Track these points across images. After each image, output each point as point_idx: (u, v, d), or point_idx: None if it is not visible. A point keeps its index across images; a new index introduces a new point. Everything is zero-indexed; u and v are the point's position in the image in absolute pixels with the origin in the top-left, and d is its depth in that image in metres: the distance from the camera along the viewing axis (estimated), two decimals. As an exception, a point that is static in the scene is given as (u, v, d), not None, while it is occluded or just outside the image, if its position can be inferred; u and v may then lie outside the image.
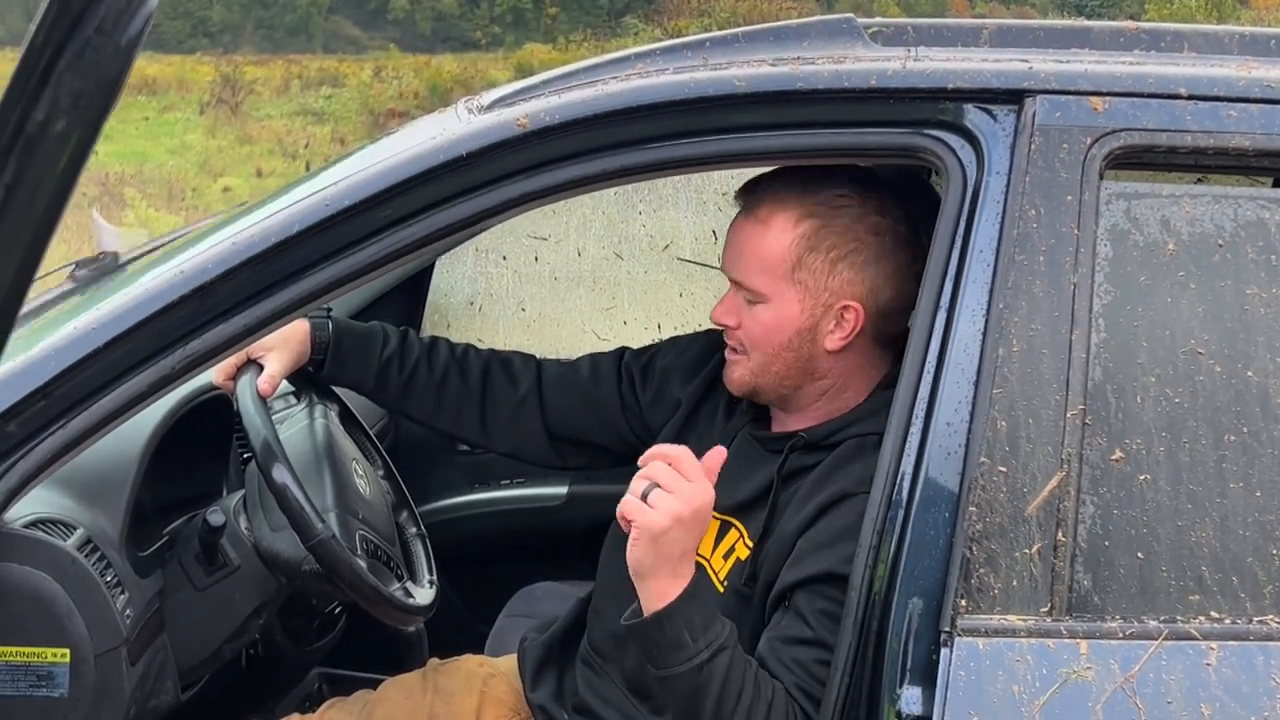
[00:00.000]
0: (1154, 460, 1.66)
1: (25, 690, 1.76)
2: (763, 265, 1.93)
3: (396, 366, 2.25)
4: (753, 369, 1.98)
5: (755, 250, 1.94)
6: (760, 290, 1.94)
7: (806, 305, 1.93)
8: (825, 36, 1.85)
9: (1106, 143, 1.70)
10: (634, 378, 2.27)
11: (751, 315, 1.96)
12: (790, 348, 1.95)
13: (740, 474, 1.99)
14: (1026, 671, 1.60)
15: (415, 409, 2.29)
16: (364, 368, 2.25)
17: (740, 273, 1.97)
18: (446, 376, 2.27)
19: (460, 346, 2.32)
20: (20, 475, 1.69)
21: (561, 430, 2.29)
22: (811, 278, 1.92)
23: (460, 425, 2.30)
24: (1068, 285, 1.67)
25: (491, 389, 2.29)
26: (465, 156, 1.73)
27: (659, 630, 1.74)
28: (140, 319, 1.70)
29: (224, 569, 2.10)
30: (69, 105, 0.76)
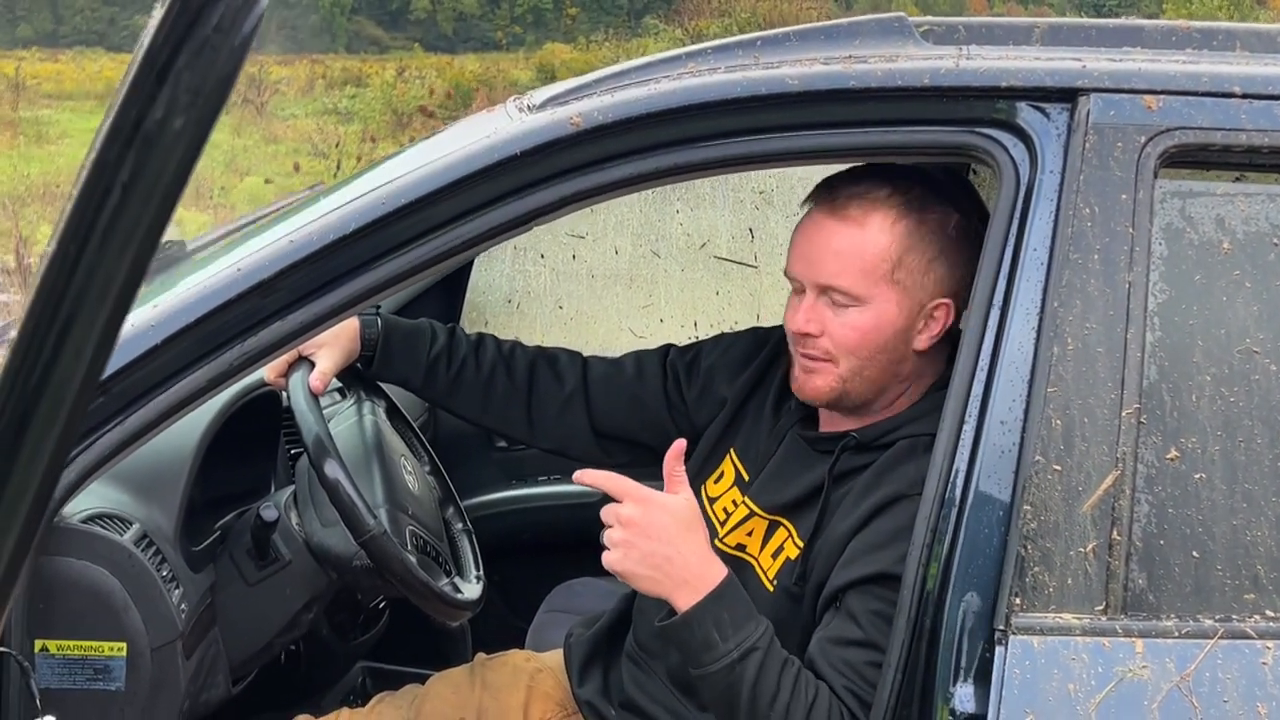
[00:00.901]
0: (1209, 459, 1.65)
1: (83, 683, 1.78)
2: (863, 267, 1.89)
3: (444, 363, 2.27)
4: (843, 375, 1.94)
5: (852, 252, 1.89)
6: (858, 293, 1.89)
7: (904, 306, 1.91)
8: (877, 35, 1.85)
9: (1160, 141, 1.70)
10: (679, 376, 2.27)
11: (843, 320, 1.91)
12: (886, 350, 1.92)
13: (789, 474, 1.99)
14: (1082, 670, 1.60)
15: (462, 406, 2.30)
16: (412, 364, 2.27)
17: (831, 276, 1.90)
18: (494, 373, 2.28)
19: (508, 344, 2.33)
20: (79, 470, 1.70)
21: (607, 428, 2.29)
22: (910, 278, 1.90)
23: (507, 422, 2.31)
24: (1122, 284, 1.66)
25: (538, 386, 2.29)
26: (520, 155, 1.74)
27: (687, 631, 1.76)
28: (198, 316, 1.71)
29: (275, 564, 2.11)
30: (187, 103, 0.76)
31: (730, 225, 3.37)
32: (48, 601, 1.75)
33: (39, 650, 1.76)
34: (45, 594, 1.74)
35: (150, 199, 0.79)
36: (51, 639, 1.77)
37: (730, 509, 2.05)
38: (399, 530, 2.07)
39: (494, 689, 2.17)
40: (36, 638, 1.76)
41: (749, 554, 1.99)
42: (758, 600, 1.93)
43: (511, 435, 2.37)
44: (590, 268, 3.43)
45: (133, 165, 0.78)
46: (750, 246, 3.36)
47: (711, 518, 2.07)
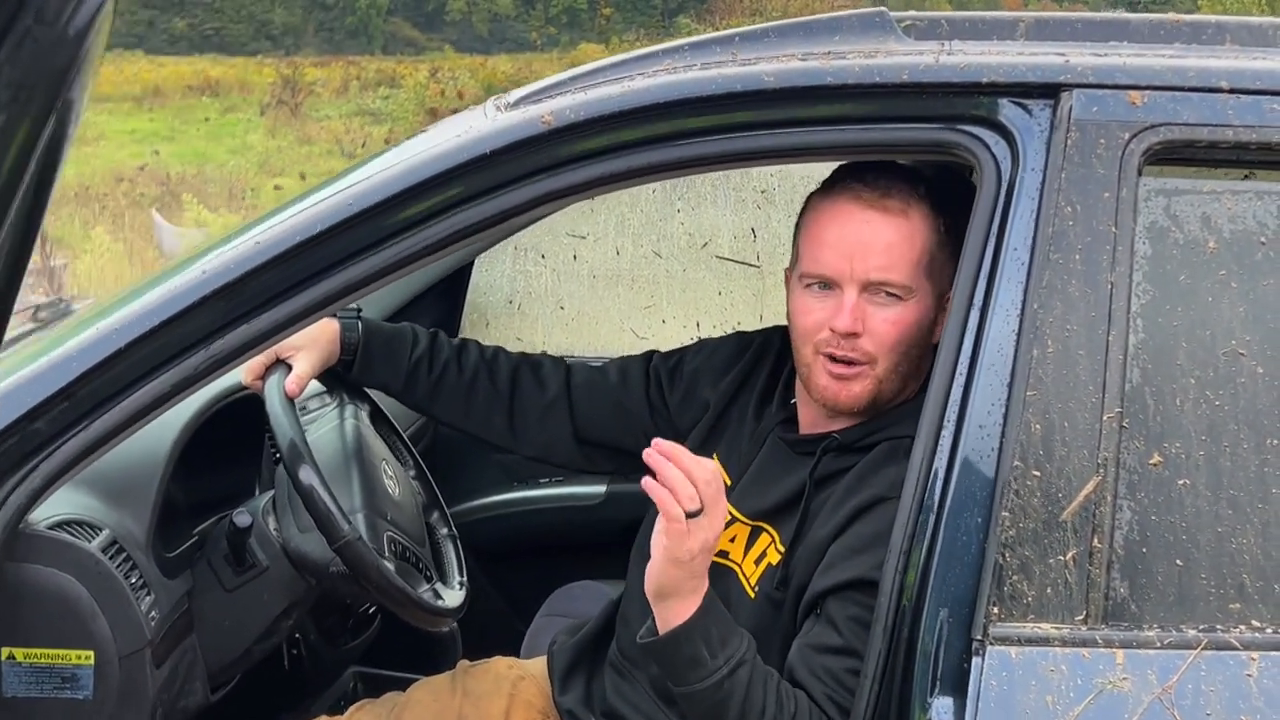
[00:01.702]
0: (1194, 464, 1.61)
1: (50, 692, 1.77)
2: (913, 259, 1.86)
3: (426, 367, 2.24)
4: (879, 377, 1.89)
5: (903, 244, 1.86)
6: (908, 285, 1.86)
7: (934, 299, 1.90)
8: (857, 30, 1.81)
9: (1145, 138, 1.66)
10: (662, 380, 2.23)
11: (886, 315, 1.87)
12: (919, 344, 1.90)
13: (771, 478, 1.96)
14: (1060, 681, 1.56)
15: (444, 411, 2.27)
16: (393, 368, 2.24)
17: (883, 270, 1.86)
18: (476, 378, 2.25)
19: (490, 349, 2.30)
20: (44, 476, 1.69)
21: (590, 434, 2.26)
22: (939, 270, 1.89)
23: (489, 428, 2.27)
24: (1104, 284, 1.62)
25: (520, 391, 2.26)
26: (489, 154, 1.71)
27: (675, 649, 1.73)
28: (163, 319, 1.69)
29: (253, 570, 2.09)
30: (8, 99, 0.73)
31: (732, 225, 3.34)
32: (14, 609, 1.73)
33: (5, 658, 1.75)
34: (11, 601, 1.72)
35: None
36: (18, 647, 1.75)
37: None
38: (376, 536, 2.05)
39: (475, 697, 2.14)
40: (3, 645, 1.74)
41: (731, 560, 1.96)
42: (739, 607, 1.90)
43: (494, 441, 2.32)
44: (592, 268, 3.40)
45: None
46: (752, 246, 3.32)
47: None
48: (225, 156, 18.65)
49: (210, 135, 20.84)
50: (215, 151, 19.17)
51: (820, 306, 1.89)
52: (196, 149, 19.29)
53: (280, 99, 22.27)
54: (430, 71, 25.50)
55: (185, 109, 23.57)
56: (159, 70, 28.63)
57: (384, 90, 24.06)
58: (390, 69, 27.41)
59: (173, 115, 22.82)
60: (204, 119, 21.89)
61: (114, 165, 17.46)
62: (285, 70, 23.86)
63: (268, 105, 22.29)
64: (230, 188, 15.96)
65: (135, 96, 24.85)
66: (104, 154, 18.66)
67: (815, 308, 1.90)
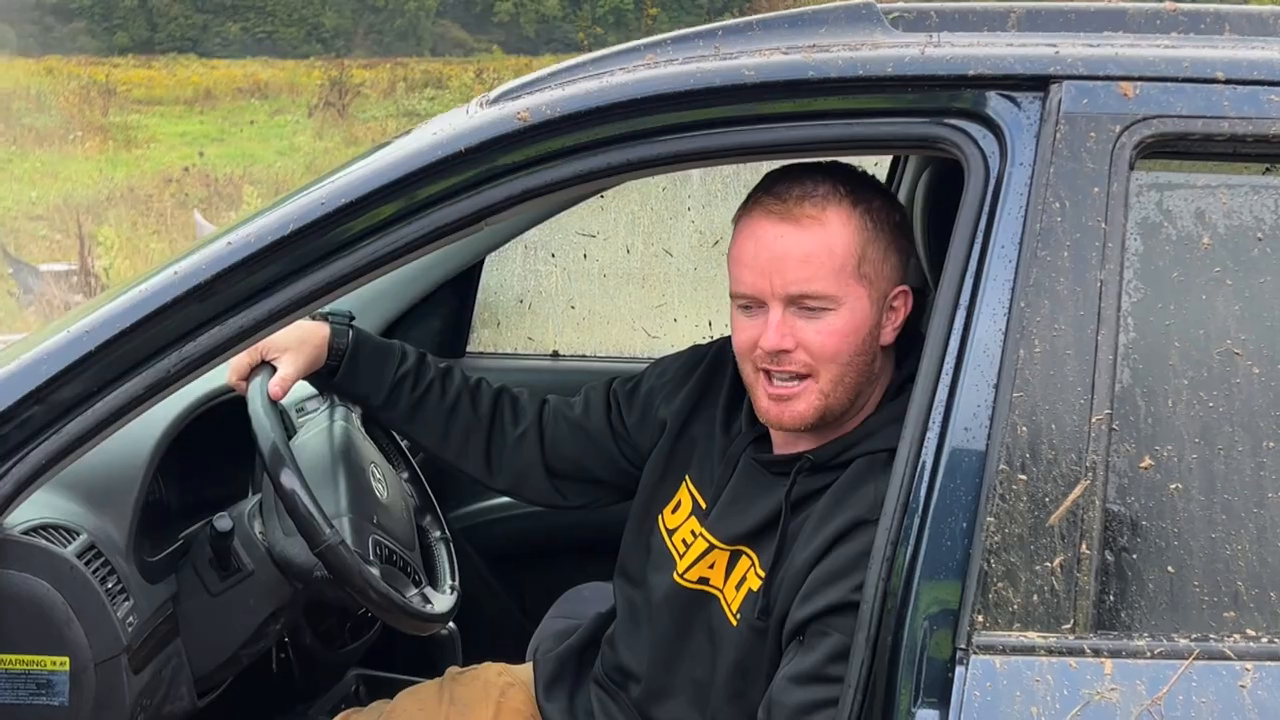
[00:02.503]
0: (1186, 468, 1.56)
1: (26, 698, 1.75)
2: (833, 267, 1.79)
3: (410, 385, 2.20)
4: (824, 390, 1.83)
5: (820, 253, 1.80)
6: (833, 294, 1.80)
7: (874, 300, 1.83)
8: (843, 23, 1.76)
9: (1137, 130, 1.60)
10: (620, 403, 2.20)
11: (818, 327, 1.81)
12: (864, 350, 1.83)
13: (746, 501, 1.91)
14: (1046, 692, 1.51)
15: (422, 432, 2.23)
16: (377, 380, 2.19)
17: (803, 283, 1.80)
18: (458, 402, 2.21)
19: (475, 377, 2.27)
20: (15, 481, 1.67)
21: (559, 466, 2.23)
22: (873, 269, 1.83)
23: (464, 454, 2.22)
24: (1094, 282, 1.57)
25: (499, 420, 2.23)
26: (464, 152, 1.68)
27: None
28: (134, 321, 1.67)
29: (238, 574, 2.07)
30: None
31: (744, 222, 3.30)
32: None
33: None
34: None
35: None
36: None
37: (689, 540, 1.98)
38: (361, 540, 2.02)
39: (462, 704, 2.12)
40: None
41: (713, 587, 1.92)
42: (723, 636, 1.87)
43: (468, 470, 2.25)
44: (602, 267, 3.39)
45: None
46: (765, 244, 3.28)
47: (670, 550, 2.00)
48: (273, 158, 18.79)
49: (259, 137, 21.02)
50: (263, 153, 19.33)
51: (751, 325, 1.84)
52: (245, 150, 19.45)
53: (328, 101, 22.41)
54: (476, 73, 25.60)
55: (235, 111, 23.78)
56: (211, 73, 28.91)
57: (430, 91, 24.18)
58: (437, 70, 27.55)
59: (222, 117, 23.03)
60: (248, 121, 22.04)
61: (163, 167, 17.63)
62: (333, 72, 24.00)
63: (315, 107, 22.44)
64: (277, 188, 16.06)
65: (187, 99, 25.09)
66: (154, 156, 18.84)
67: (747, 326, 1.85)
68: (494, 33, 37.44)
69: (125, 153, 19.21)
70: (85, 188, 16.04)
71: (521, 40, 36.11)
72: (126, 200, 14.85)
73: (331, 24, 38.95)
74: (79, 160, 18.05)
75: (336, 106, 22.20)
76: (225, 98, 25.47)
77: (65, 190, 15.70)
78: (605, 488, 2.23)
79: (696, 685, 1.92)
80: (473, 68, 27.51)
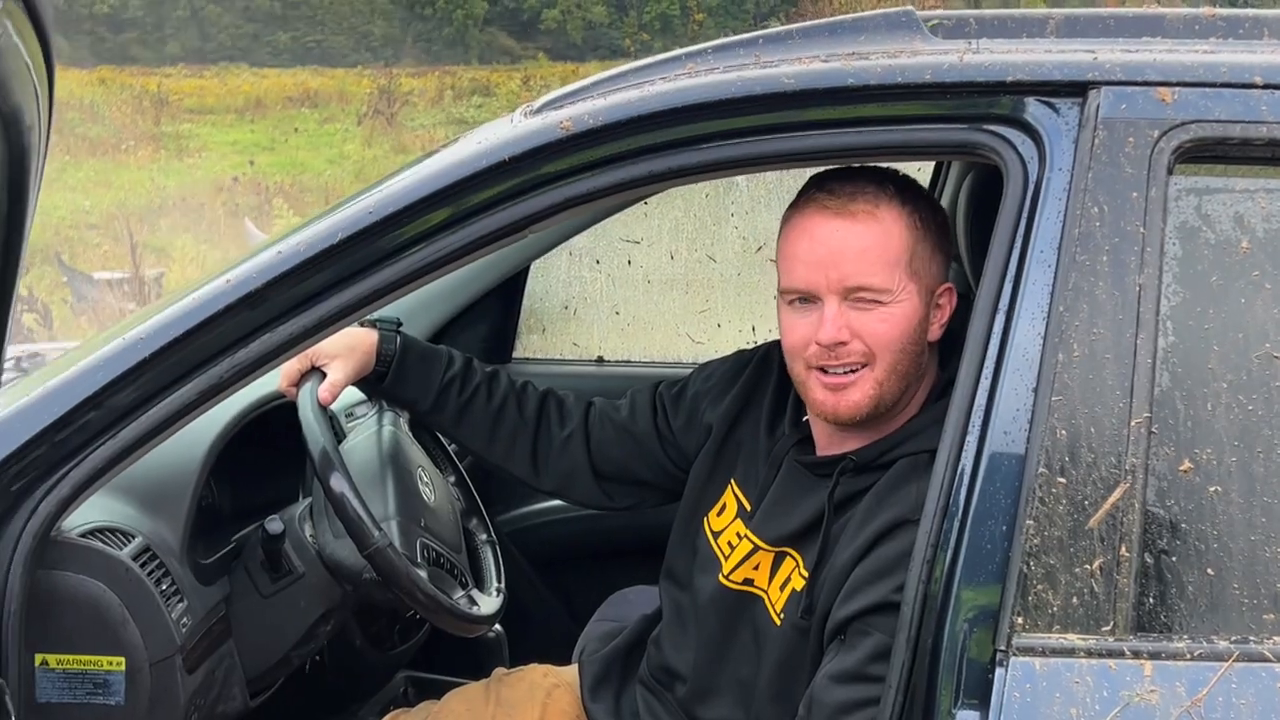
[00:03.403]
0: (1225, 471, 1.57)
1: (83, 697, 1.79)
2: (888, 260, 1.83)
3: (457, 389, 2.23)
4: (879, 379, 1.85)
5: (876, 247, 1.83)
6: (887, 287, 1.83)
7: (922, 295, 1.86)
8: (883, 30, 1.78)
9: (1175, 136, 1.61)
10: (667, 407, 2.22)
11: (873, 319, 1.84)
12: (915, 342, 1.86)
13: (790, 502, 1.93)
14: (1086, 694, 1.52)
15: (469, 435, 2.26)
16: (425, 385, 2.23)
17: (860, 276, 1.83)
18: (505, 405, 2.24)
19: (521, 380, 2.30)
20: (73, 485, 1.71)
21: (606, 468, 2.25)
22: (923, 266, 1.86)
23: (511, 458, 2.26)
24: (1133, 286, 1.58)
25: (545, 423, 2.26)
26: (508, 161, 1.71)
27: None
28: (188, 328, 1.71)
29: (289, 576, 2.10)
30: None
31: (787, 228, 3.32)
32: (47, 616, 1.75)
33: (39, 664, 1.77)
34: (44, 608, 1.75)
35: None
36: (51, 653, 1.78)
37: (734, 542, 2.00)
38: (409, 543, 2.05)
39: (509, 705, 2.14)
40: (36, 651, 1.76)
41: (758, 587, 1.94)
42: (766, 636, 1.89)
43: (515, 472, 2.29)
44: (646, 273, 3.41)
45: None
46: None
47: (716, 552, 2.02)
48: (322, 166, 18.93)
49: (309, 145, 21.17)
50: (313, 161, 19.47)
51: (804, 322, 1.86)
52: (296, 159, 19.60)
53: (377, 109, 22.54)
54: (523, 80, 25.69)
55: (285, 120, 23.95)
56: (261, 82, 29.11)
57: (477, 99, 24.28)
58: (485, 78, 27.63)
59: (272, 126, 23.20)
60: (293, 129, 22.22)
61: (214, 176, 17.79)
62: (382, 81, 24.14)
63: (364, 115, 22.58)
64: (326, 196, 16.17)
65: (237, 108, 25.28)
66: (206, 165, 19.01)
67: (799, 324, 1.87)
68: (540, 40, 37.50)
69: (177, 161, 19.40)
70: (138, 196, 16.21)
71: (568, 47, 36.15)
72: (179, 208, 14.99)
73: (380, 33, 39.17)
74: (131, 169, 18.25)
75: (385, 114, 22.33)
76: (275, 106, 25.65)
77: (118, 199, 15.88)
78: (651, 490, 2.25)
79: (741, 685, 1.94)
80: (520, 75, 27.60)
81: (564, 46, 35.85)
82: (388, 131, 21.65)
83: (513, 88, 24.10)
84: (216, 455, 2.12)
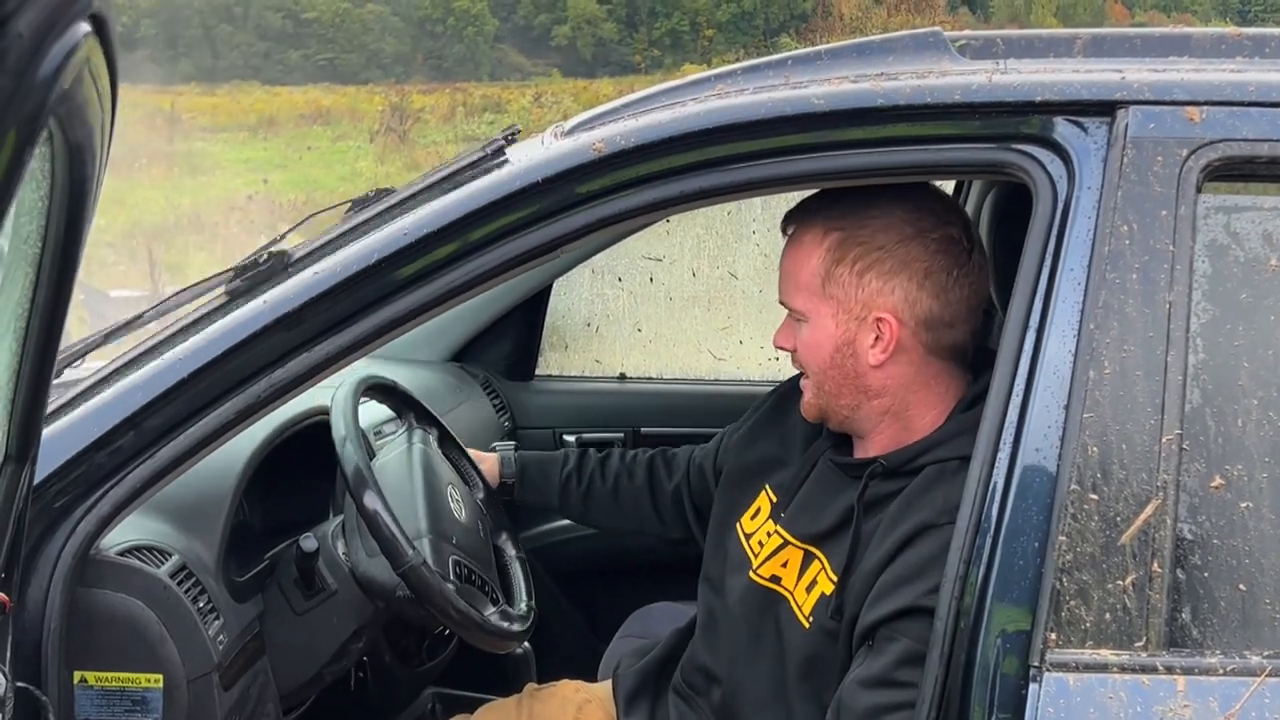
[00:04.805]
0: (1257, 487, 1.58)
1: (121, 714, 1.80)
2: (799, 283, 1.92)
3: (575, 481, 2.49)
4: (813, 389, 1.97)
5: (792, 270, 1.94)
6: (801, 309, 1.93)
7: (840, 319, 1.90)
8: (911, 51, 1.80)
9: (1204, 154, 1.62)
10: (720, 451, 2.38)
11: (800, 336, 1.95)
12: (835, 365, 1.92)
13: (822, 500, 1.95)
14: (1119, 709, 1.53)
15: (598, 516, 2.53)
16: (547, 487, 2.51)
17: (784, 294, 1.97)
18: (618, 481, 2.49)
19: (631, 453, 2.52)
20: (113, 504, 1.73)
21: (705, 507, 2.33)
22: (841, 290, 1.89)
23: (639, 521, 2.51)
24: (1163, 304, 1.59)
25: (656, 481, 2.47)
26: (541, 182, 1.73)
27: None
28: (225, 349, 1.73)
29: (322, 593, 2.12)
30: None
31: (808, 245, 3.33)
32: (86, 633, 1.77)
33: (78, 681, 1.79)
34: (83, 626, 1.76)
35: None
36: (90, 670, 1.79)
37: (765, 540, 2.02)
38: (441, 560, 2.07)
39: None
40: (75, 669, 1.78)
41: (784, 587, 1.95)
42: (793, 637, 1.89)
43: (650, 532, 2.53)
44: (668, 290, 3.43)
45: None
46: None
47: (747, 551, 2.03)
48: (335, 183, 19.01)
49: (322, 163, 21.26)
50: (326, 178, 19.55)
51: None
52: (308, 176, 19.69)
53: (389, 126, 22.67)
54: (534, 96, 25.80)
55: (298, 137, 24.05)
56: (273, 100, 29.25)
57: (489, 116, 24.39)
58: (496, 94, 27.77)
59: (285, 144, 23.31)
60: (306, 147, 22.32)
61: (227, 194, 17.87)
62: (394, 98, 24.26)
63: (377, 132, 22.71)
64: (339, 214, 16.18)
65: (250, 126, 25.40)
66: (219, 183, 19.09)
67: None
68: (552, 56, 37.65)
69: (190, 179, 19.49)
70: (152, 214, 16.28)
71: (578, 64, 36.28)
72: (193, 226, 15.05)
73: (392, 50, 39.33)
74: (145, 187, 18.33)
75: (397, 132, 22.44)
76: (288, 124, 25.77)
77: (133, 217, 15.94)
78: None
79: (775, 683, 1.95)
80: (531, 91, 27.72)
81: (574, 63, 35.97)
82: (400, 148, 21.75)
83: (524, 104, 24.21)
84: (251, 474, 2.14)
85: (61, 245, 0.95)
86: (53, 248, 0.96)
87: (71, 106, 0.80)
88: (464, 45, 38.79)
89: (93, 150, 0.89)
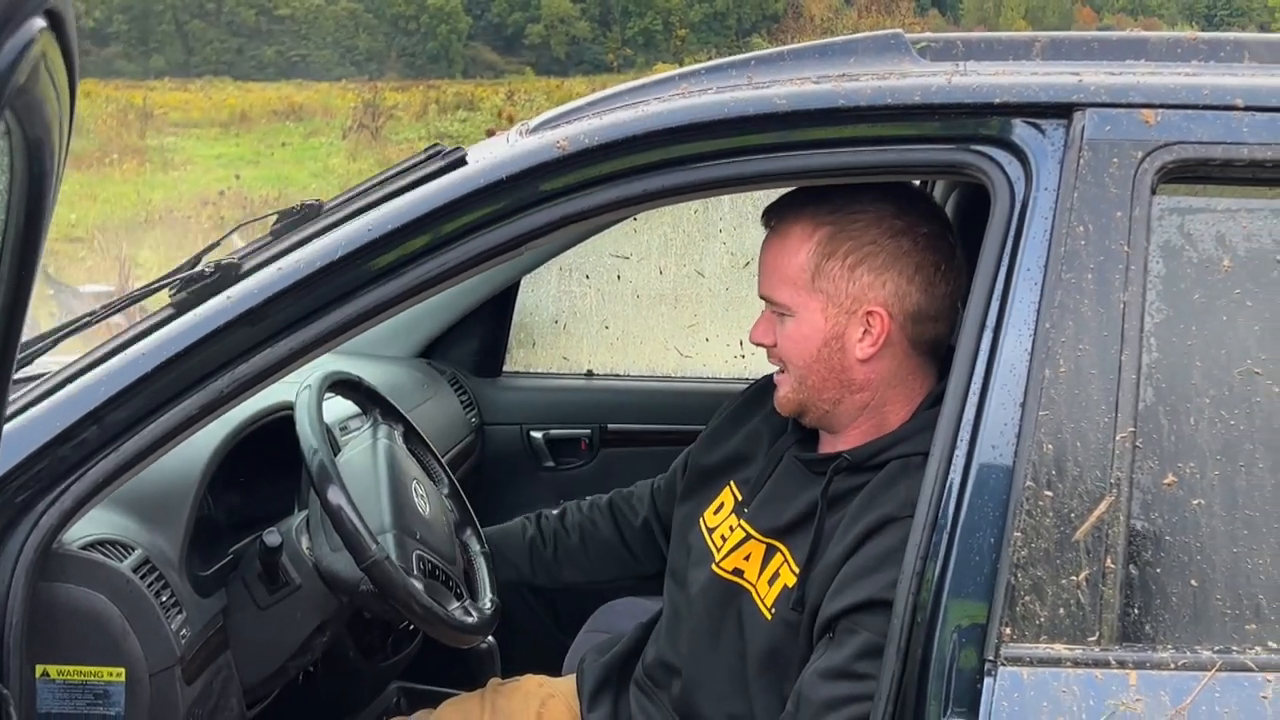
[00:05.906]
0: (1208, 484, 1.60)
1: (83, 709, 1.80)
2: (785, 277, 1.93)
3: (540, 544, 2.45)
4: (793, 384, 1.96)
5: (777, 264, 1.94)
6: (786, 303, 1.93)
7: (830, 313, 1.91)
8: (872, 52, 1.82)
9: (1159, 156, 1.65)
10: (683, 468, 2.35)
11: (783, 330, 1.95)
12: (821, 359, 1.93)
13: (785, 495, 1.97)
14: (1073, 703, 1.55)
15: (572, 573, 2.47)
16: (516, 557, 2.46)
17: (767, 288, 1.97)
18: (583, 531, 2.46)
19: (587, 502, 2.49)
20: (75, 498, 1.73)
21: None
22: (831, 284, 1.90)
23: (616, 567, 2.48)
24: (1118, 304, 1.61)
25: (622, 522, 2.45)
26: (506, 179, 1.74)
27: None
28: (189, 344, 1.73)
29: (286, 588, 2.12)
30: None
31: (774, 244, 3.36)
32: (48, 627, 1.77)
33: (40, 675, 1.79)
34: (45, 619, 1.76)
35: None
36: (52, 664, 1.79)
37: (727, 534, 2.03)
38: (405, 555, 2.08)
39: (504, 715, 2.17)
40: (37, 662, 1.78)
41: (746, 580, 1.97)
42: (755, 629, 1.91)
43: (631, 575, 2.50)
44: (635, 288, 3.45)
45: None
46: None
47: (709, 545, 2.05)
48: (307, 179, 18.96)
49: (294, 159, 21.20)
50: (298, 175, 19.50)
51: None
52: (280, 173, 19.63)
53: (361, 123, 22.61)
54: (507, 94, 25.79)
55: (270, 134, 23.97)
56: (246, 96, 29.15)
57: (462, 113, 24.37)
58: (469, 92, 27.74)
59: (258, 140, 23.24)
60: (280, 143, 22.26)
61: (199, 189, 17.80)
62: (367, 95, 24.20)
63: (349, 129, 22.65)
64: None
65: (222, 122, 25.31)
66: (191, 179, 19.02)
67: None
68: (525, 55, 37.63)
69: (162, 175, 19.42)
70: (124, 210, 16.22)
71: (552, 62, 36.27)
72: (165, 222, 15.00)
73: (364, 47, 39.25)
74: (117, 183, 18.26)
75: (370, 129, 22.39)
76: (260, 120, 25.69)
77: (104, 212, 15.88)
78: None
79: (735, 675, 1.96)
80: (504, 89, 27.71)
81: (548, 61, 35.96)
82: (372, 145, 21.71)
83: (497, 102, 24.20)
84: (215, 468, 2.14)
85: (21, 240, 0.96)
86: (12, 243, 0.97)
87: (28, 101, 0.81)
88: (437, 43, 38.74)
89: (51, 146, 0.89)
